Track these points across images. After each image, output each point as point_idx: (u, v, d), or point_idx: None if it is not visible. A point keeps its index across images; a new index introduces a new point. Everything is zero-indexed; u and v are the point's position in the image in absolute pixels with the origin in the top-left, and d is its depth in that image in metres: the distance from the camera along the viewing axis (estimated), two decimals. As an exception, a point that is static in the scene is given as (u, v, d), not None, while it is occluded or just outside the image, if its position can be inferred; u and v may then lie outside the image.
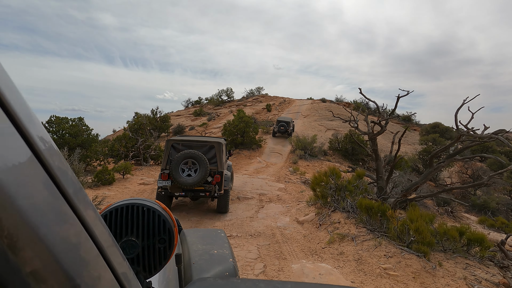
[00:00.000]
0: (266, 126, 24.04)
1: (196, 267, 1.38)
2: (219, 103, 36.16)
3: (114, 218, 0.80)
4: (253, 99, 35.81)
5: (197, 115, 32.01)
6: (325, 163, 17.83)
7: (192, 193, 6.01)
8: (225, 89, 36.82)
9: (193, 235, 1.77)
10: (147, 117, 27.26)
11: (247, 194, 8.86)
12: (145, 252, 0.81)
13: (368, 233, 4.76)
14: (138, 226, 0.81)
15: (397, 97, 5.44)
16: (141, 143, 12.95)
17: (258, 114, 28.78)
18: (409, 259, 3.93)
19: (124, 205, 0.82)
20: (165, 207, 0.89)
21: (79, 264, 0.36)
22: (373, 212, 4.84)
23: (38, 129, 0.34)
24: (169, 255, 0.83)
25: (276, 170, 15.23)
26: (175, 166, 5.74)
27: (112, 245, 0.48)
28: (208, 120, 29.14)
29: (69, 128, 13.18)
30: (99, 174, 9.64)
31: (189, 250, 1.55)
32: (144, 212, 0.82)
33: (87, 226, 0.40)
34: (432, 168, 5.75)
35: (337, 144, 20.95)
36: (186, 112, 36.20)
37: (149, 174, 11.70)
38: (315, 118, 26.21)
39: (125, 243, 0.79)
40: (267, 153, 19.43)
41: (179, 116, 34.04)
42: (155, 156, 13.84)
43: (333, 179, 6.16)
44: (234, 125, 19.46)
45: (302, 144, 18.47)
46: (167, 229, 0.83)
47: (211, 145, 6.19)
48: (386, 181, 5.99)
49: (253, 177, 12.39)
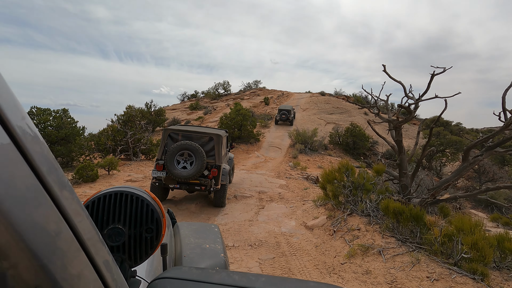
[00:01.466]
0: (265, 120, 22.95)
1: (187, 260, 1.37)
2: (216, 97, 34.88)
3: (101, 204, 0.78)
4: (251, 93, 34.54)
5: (193, 108, 30.79)
6: (326, 158, 16.83)
7: (187, 186, 5.67)
8: (221, 82, 35.51)
9: (186, 228, 1.73)
10: (141, 110, 26.13)
11: (245, 192, 7.82)
12: (132, 241, 0.78)
13: (398, 244, 3.74)
14: (126, 214, 0.79)
15: (432, 75, 4.40)
16: (130, 136, 11.82)
17: (256, 108, 27.65)
18: (463, 284, 2.92)
19: (113, 192, 0.80)
20: (155, 197, 0.86)
21: (48, 243, 0.34)
22: (403, 217, 3.82)
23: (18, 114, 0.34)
24: (156, 245, 0.81)
25: (276, 165, 14.21)
26: (170, 157, 5.41)
27: (92, 232, 0.46)
28: (205, 114, 27.96)
29: (51, 121, 12.00)
30: (80, 170, 8.53)
31: (182, 243, 1.52)
32: (132, 200, 0.80)
33: (60, 206, 0.38)
34: (467, 162, 4.74)
35: (338, 138, 19.95)
36: (182, 106, 34.93)
37: (138, 170, 10.59)
38: (315, 112, 25.17)
39: (111, 230, 0.77)
40: (266, 147, 18.38)
41: (175, 110, 32.82)
42: (146, 151, 12.72)
43: (348, 176, 5.12)
44: (231, 118, 18.34)
45: (302, 138, 17.43)
46: (155, 219, 0.80)
47: (210, 136, 5.79)
48: (411, 178, 4.97)
49: (252, 173, 11.35)
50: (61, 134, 11.53)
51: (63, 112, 12.49)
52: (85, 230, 0.43)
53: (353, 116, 24.55)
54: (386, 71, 4.82)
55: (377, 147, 20.65)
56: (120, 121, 12.18)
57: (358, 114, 25.54)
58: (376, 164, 5.36)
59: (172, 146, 5.45)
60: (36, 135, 0.36)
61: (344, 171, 5.10)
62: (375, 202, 4.70)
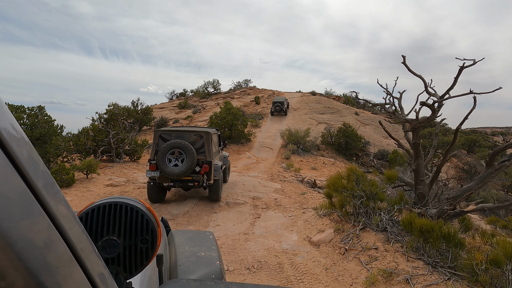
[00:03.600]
0: (255, 119, 22.21)
1: (182, 268, 1.31)
2: (205, 95, 33.82)
3: (95, 216, 0.75)
4: (241, 92, 33.63)
5: (181, 107, 29.70)
6: (319, 159, 16.23)
7: (181, 183, 5.79)
8: (211, 80, 34.45)
9: (181, 236, 1.65)
10: (127, 109, 24.88)
11: (238, 198, 7.05)
12: (126, 252, 0.76)
13: (428, 270, 3.06)
14: (120, 225, 0.76)
15: (460, 68, 3.75)
16: (113, 136, 10.82)
17: (247, 107, 26.85)
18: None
19: (107, 203, 0.77)
20: (149, 206, 0.83)
21: (45, 262, 0.33)
22: (433, 237, 3.15)
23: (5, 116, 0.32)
24: (151, 255, 0.78)
25: (268, 167, 13.49)
26: (162, 157, 5.56)
27: (86, 243, 0.45)
28: (194, 113, 26.95)
29: (25, 119, 10.86)
30: (53, 174, 7.55)
31: (176, 252, 1.48)
32: (127, 211, 0.77)
33: (57, 222, 0.36)
34: (492, 168, 4.12)
35: (330, 138, 19.41)
36: (170, 104, 33.73)
37: (120, 173, 9.63)
38: (306, 111, 24.59)
39: (106, 242, 0.74)
40: (257, 148, 17.63)
41: (163, 109, 31.62)
42: (130, 152, 11.75)
43: (358, 183, 4.43)
44: (221, 117, 17.48)
45: (294, 138, 16.77)
46: (150, 229, 0.77)
47: (199, 134, 5.97)
48: (429, 186, 4.32)
49: (243, 175, 10.58)
50: (36, 134, 10.42)
51: (39, 110, 11.36)
52: (80, 242, 0.41)
53: (344, 116, 24.12)
54: (405, 63, 4.13)
55: (369, 147, 20.24)
56: (102, 120, 11.14)
57: (349, 114, 25.15)
58: (391, 170, 4.69)
59: (163, 146, 5.59)
60: (23, 137, 0.35)
61: (355, 179, 4.40)
62: (389, 213, 4.02)
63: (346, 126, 18.86)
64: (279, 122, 22.26)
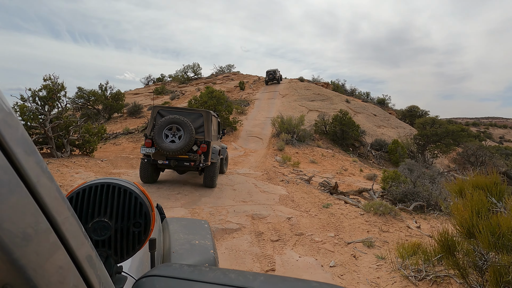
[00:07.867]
0: (241, 105, 19.29)
1: (176, 256, 1.23)
2: (185, 81, 30.19)
3: (86, 196, 0.68)
4: (224, 77, 30.30)
5: (158, 93, 26.10)
6: (316, 150, 13.70)
7: (176, 161, 5.42)
8: (191, 64, 30.80)
9: (176, 224, 1.55)
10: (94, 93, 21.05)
11: (229, 218, 4.29)
12: (118, 235, 0.68)
13: None
14: (113, 207, 0.69)
15: None
16: (51, 121, 7.60)
17: (230, 93, 23.78)
18: None
19: (99, 184, 0.69)
20: (144, 190, 0.76)
21: (20, 235, 0.30)
22: None
23: None
24: (143, 240, 0.71)
25: (259, 160, 10.76)
26: (159, 131, 5.26)
27: (72, 220, 0.41)
28: (171, 99, 23.53)
29: None
30: None
31: (170, 239, 1.38)
32: (120, 193, 0.70)
33: (36, 193, 0.33)
34: None
35: (324, 126, 16.96)
36: (146, 90, 29.87)
37: (57, 173, 6.49)
38: (295, 98, 21.95)
39: (97, 224, 0.67)
40: (244, 137, 14.80)
41: (138, 95, 27.80)
42: (81, 143, 8.55)
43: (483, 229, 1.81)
44: (202, 101, 14.41)
45: (287, 126, 14.11)
46: (144, 213, 0.70)
47: (199, 113, 5.70)
48: None
49: (232, 173, 7.80)
50: None
51: None
52: (65, 222, 0.38)
53: (336, 104, 21.76)
54: None
55: (365, 137, 18.04)
56: (36, 99, 7.85)
57: (340, 101, 22.82)
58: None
59: (161, 120, 5.31)
60: (11, 111, 0.31)
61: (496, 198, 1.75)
62: None
63: (343, 114, 16.45)
64: (267, 109, 19.58)
